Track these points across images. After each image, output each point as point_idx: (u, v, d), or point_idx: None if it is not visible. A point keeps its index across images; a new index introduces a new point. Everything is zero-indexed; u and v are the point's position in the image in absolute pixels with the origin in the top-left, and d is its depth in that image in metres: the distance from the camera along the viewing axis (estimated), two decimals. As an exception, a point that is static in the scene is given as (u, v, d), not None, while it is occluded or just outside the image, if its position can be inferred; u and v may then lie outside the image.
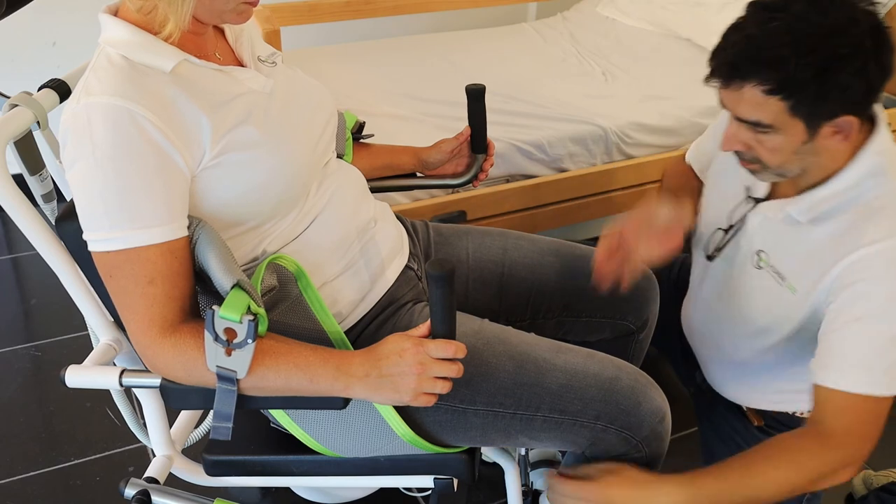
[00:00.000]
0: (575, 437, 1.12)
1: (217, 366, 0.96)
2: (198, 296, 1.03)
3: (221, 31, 1.14)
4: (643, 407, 1.12)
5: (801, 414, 1.33)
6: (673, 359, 1.60)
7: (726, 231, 1.29)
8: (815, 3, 1.02)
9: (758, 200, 1.24)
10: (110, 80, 0.95)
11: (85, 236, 0.96)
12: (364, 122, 1.41)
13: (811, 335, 1.15)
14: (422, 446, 1.11)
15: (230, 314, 0.93)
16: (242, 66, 1.11)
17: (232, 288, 0.96)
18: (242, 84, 1.06)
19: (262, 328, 0.98)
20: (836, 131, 1.07)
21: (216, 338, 0.94)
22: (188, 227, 0.99)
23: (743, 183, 1.27)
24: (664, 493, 1.07)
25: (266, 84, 1.09)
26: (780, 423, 1.35)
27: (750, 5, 1.07)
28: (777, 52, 1.01)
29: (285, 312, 1.07)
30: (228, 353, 0.95)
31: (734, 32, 1.06)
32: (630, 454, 1.13)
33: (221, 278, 0.97)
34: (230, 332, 0.94)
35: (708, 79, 1.09)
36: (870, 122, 1.13)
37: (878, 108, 1.12)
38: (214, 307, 0.94)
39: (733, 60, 1.05)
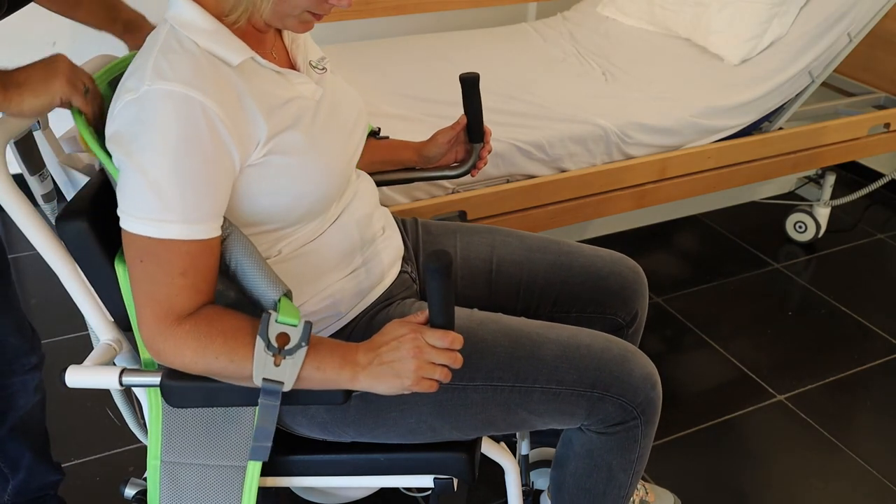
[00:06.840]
0: (573, 409, 1.14)
1: (263, 378, 0.95)
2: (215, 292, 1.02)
3: (279, 32, 1.14)
4: (635, 373, 1.14)
5: None
6: None
7: None
8: None
9: None
10: (183, 67, 0.94)
11: (124, 214, 0.95)
12: (379, 129, 1.42)
13: None
14: None
15: (290, 318, 0.94)
16: (295, 68, 1.11)
17: (280, 298, 0.97)
18: (295, 88, 1.06)
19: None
20: None
21: (268, 345, 0.94)
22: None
23: None
24: None
25: (316, 91, 1.10)
26: None
27: None
28: None
29: None
30: (277, 363, 0.95)
31: None
32: (627, 422, 1.15)
33: (268, 289, 0.98)
34: (282, 339, 0.94)
35: None
36: None
37: None
38: (271, 312, 0.94)
39: None
